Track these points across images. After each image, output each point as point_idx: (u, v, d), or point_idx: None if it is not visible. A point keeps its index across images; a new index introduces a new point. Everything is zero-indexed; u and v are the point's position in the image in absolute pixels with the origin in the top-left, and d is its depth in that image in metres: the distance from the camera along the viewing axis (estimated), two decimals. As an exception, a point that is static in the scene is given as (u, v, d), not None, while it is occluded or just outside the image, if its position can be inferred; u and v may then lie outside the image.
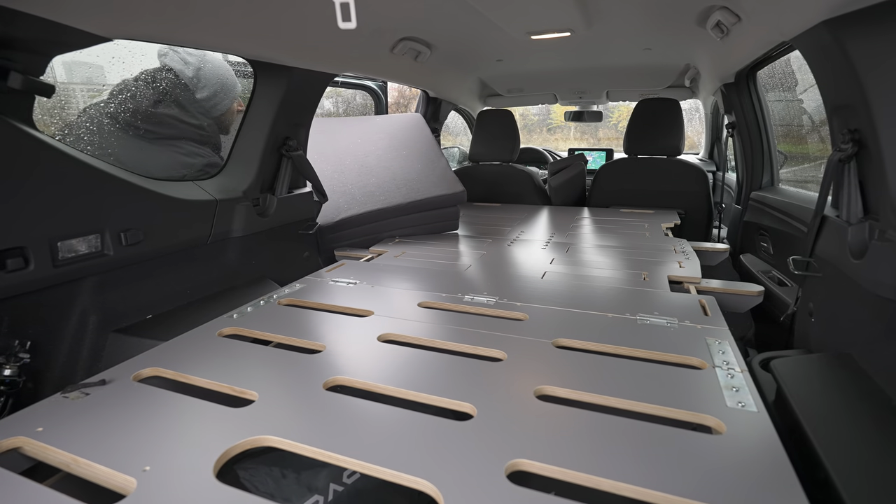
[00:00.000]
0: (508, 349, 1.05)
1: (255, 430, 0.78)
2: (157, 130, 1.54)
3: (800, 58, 2.22)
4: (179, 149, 1.59)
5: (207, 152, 1.67)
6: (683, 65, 2.86)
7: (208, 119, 1.71)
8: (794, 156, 2.68)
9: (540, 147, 4.94)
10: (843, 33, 1.04)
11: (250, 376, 0.95)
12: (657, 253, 1.90)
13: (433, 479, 0.65)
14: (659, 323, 1.19)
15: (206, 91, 1.67)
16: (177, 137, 1.59)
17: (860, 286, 1.05)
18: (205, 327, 1.18)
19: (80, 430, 0.78)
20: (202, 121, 1.68)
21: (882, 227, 1.02)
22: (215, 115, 1.73)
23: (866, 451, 0.75)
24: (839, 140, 1.16)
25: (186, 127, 1.62)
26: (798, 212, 1.81)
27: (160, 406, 0.85)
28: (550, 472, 0.68)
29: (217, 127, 1.74)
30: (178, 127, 1.60)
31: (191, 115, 1.65)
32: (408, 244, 2.10)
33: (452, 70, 2.89)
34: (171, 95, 1.61)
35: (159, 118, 1.55)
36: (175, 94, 1.62)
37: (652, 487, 0.64)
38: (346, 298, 1.40)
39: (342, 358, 1.03)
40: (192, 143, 1.63)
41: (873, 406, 0.85)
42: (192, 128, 1.63)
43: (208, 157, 1.67)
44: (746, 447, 0.71)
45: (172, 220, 1.35)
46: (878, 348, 0.96)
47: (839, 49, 1.06)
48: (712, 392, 0.86)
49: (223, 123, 1.77)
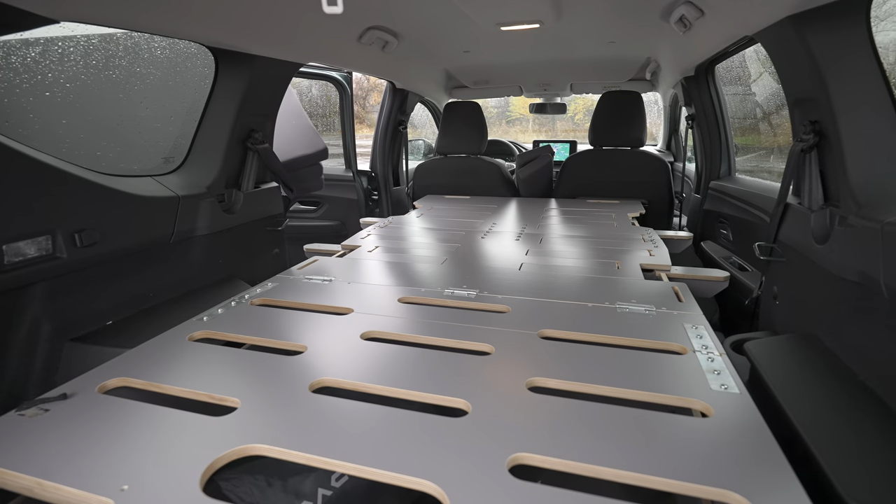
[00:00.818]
0: (495, 342, 1.04)
1: (241, 438, 0.73)
2: None
3: (753, 53, 2.33)
4: None
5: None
6: (645, 58, 2.94)
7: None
8: (742, 147, 2.82)
9: (504, 139, 4.97)
10: (806, 28, 1.08)
11: (229, 382, 0.90)
12: (626, 242, 1.95)
13: (435, 479, 0.64)
14: (637, 311, 1.22)
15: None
16: None
17: (824, 270, 1.10)
18: (173, 332, 1.11)
19: (43, 450, 0.71)
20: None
21: (843, 214, 1.08)
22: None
23: (841, 426, 0.79)
24: (800, 131, 1.22)
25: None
26: (757, 200, 1.90)
27: (132, 419, 0.78)
28: (552, 464, 0.68)
29: None
30: None
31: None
32: (381, 238, 2.06)
33: (419, 61, 2.85)
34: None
35: None
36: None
37: (650, 473, 0.65)
38: (322, 296, 1.35)
39: (326, 358, 0.99)
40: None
41: (842, 383, 0.90)
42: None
43: None
44: (733, 428, 0.74)
45: (132, 219, 1.26)
46: (842, 328, 1.02)
47: (802, 44, 1.11)
48: (696, 376, 0.89)
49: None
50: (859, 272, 0.98)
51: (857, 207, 1.04)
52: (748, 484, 0.62)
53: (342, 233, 3.24)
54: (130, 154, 1.56)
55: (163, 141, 1.62)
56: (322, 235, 3.18)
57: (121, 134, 1.53)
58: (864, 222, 0.98)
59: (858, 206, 1.04)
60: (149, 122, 1.61)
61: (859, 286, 1.00)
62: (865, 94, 1.06)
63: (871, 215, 0.98)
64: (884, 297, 0.91)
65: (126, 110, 1.55)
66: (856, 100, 1.07)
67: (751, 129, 2.95)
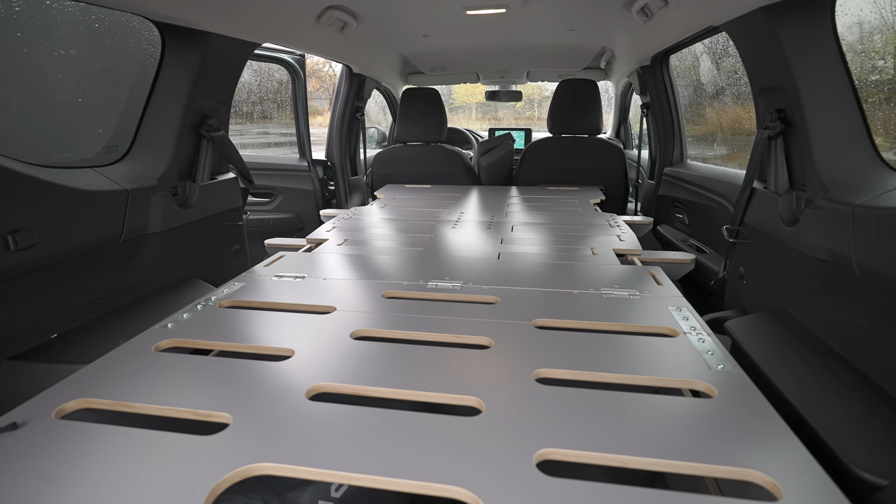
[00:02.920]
0: (492, 335, 1.02)
1: (241, 457, 0.66)
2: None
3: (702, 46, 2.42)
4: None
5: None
6: (601, 47, 3.00)
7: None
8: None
9: (459, 127, 4.94)
10: (777, 20, 1.13)
11: (213, 395, 0.81)
12: (594, 228, 1.99)
13: (465, 485, 0.60)
14: (622, 296, 1.24)
15: None
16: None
17: (793, 249, 1.17)
18: (135, 342, 0.99)
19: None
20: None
21: (809, 197, 1.15)
22: None
23: (827, 395, 0.84)
24: (766, 119, 1.28)
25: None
26: (712, 184, 2.00)
27: (104, 446, 0.69)
28: (579, 457, 0.66)
29: None
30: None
31: None
32: (347, 230, 1.97)
33: (377, 44, 2.74)
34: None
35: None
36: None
37: (674, 458, 0.65)
38: (298, 295, 1.27)
39: (317, 362, 0.92)
40: None
41: (818, 354, 0.96)
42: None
43: None
44: (739, 407, 0.76)
45: (75, 216, 1.11)
46: (812, 304, 1.08)
47: (772, 35, 1.15)
48: (691, 357, 0.91)
49: None
50: (830, 251, 1.05)
51: (824, 191, 1.11)
52: (765, 460, 0.64)
53: (298, 226, 3.09)
54: (63, 141, 1.37)
55: (102, 127, 1.44)
56: (277, 229, 3.01)
57: (52, 118, 1.34)
58: (833, 205, 1.05)
59: (825, 189, 1.11)
60: (86, 105, 1.42)
61: (828, 264, 1.06)
62: (830, 84, 1.12)
63: (840, 198, 1.04)
64: (854, 274, 0.98)
65: (60, 91, 1.35)
66: (821, 89, 1.13)
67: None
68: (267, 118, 3.47)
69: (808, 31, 1.10)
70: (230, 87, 1.64)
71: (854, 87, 1.11)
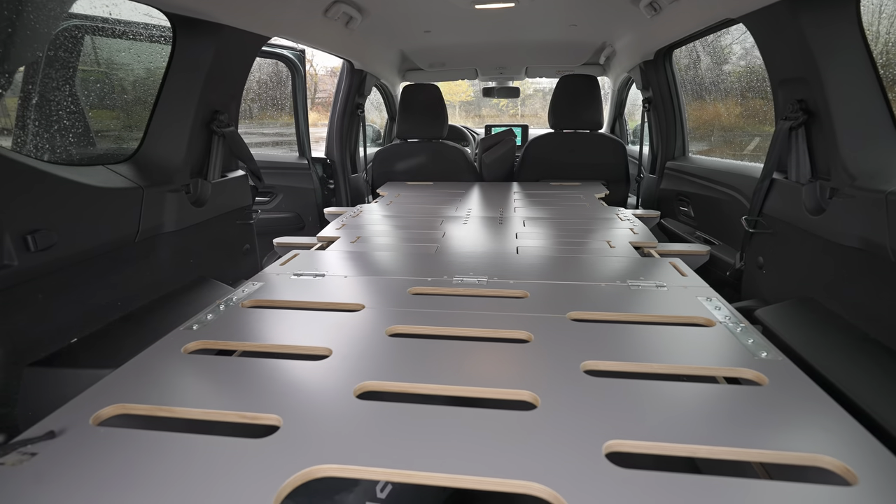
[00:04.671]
0: (530, 328, 1.01)
1: (299, 460, 0.64)
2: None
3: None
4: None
5: None
6: (601, 43, 3.00)
7: None
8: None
9: (456, 124, 4.92)
10: (801, 11, 1.13)
11: (257, 397, 0.78)
12: (604, 222, 1.99)
13: (540, 479, 0.59)
14: (649, 287, 1.23)
15: None
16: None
17: (819, 238, 1.18)
18: (163, 344, 0.96)
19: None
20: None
21: (835, 186, 1.15)
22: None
23: (871, 378, 0.84)
24: (787, 110, 1.29)
25: None
26: (719, 177, 2.02)
27: (153, 453, 0.65)
28: (647, 448, 0.65)
29: None
30: None
31: None
32: (358, 227, 1.94)
33: (379, 40, 2.72)
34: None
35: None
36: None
37: (740, 446, 0.65)
38: (322, 293, 1.24)
39: (358, 360, 0.90)
40: None
41: (855, 339, 0.97)
42: None
43: None
44: (792, 393, 0.76)
45: (93, 215, 1.07)
46: (843, 290, 1.09)
47: (795, 26, 1.16)
48: (733, 346, 0.91)
49: None
50: (862, 238, 1.06)
51: (852, 179, 1.12)
52: (831, 446, 0.64)
53: (299, 225, 3.04)
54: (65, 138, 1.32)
55: (113, 123, 1.39)
56: (278, 228, 2.96)
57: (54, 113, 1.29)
58: (864, 193, 1.06)
59: (852, 178, 1.12)
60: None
61: (860, 252, 1.07)
62: (855, 73, 1.13)
63: (870, 186, 1.05)
64: (888, 260, 0.99)
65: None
66: (845, 79, 1.14)
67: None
68: (263, 116, 3.41)
69: (833, 20, 1.10)
70: (240, 81, 1.60)
71: (879, 77, 1.12)
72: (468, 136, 4.69)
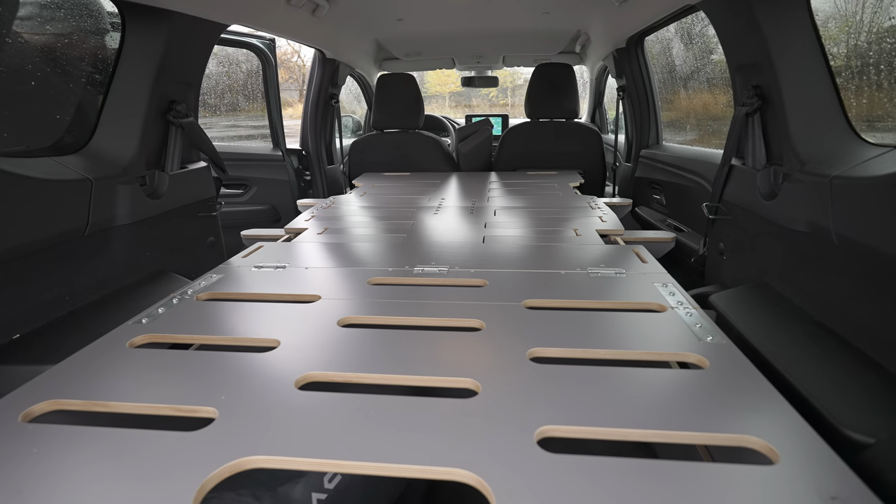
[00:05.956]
0: (482, 317, 1.01)
1: (230, 451, 0.63)
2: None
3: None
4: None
5: None
6: (576, 31, 2.99)
7: None
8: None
9: (436, 114, 4.89)
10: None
11: (196, 390, 0.77)
12: (576, 210, 1.99)
13: (468, 466, 0.59)
14: (608, 274, 1.24)
15: None
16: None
17: (772, 223, 1.19)
18: (108, 339, 0.94)
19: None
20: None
21: (787, 171, 1.17)
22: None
23: (813, 362, 0.85)
24: (743, 95, 1.29)
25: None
26: (688, 164, 2.03)
27: (80, 449, 0.64)
28: (579, 433, 0.66)
29: None
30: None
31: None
32: (327, 219, 1.92)
33: (350, 28, 2.67)
34: None
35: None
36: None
37: (670, 428, 0.65)
38: (280, 285, 1.23)
39: (305, 351, 0.89)
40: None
41: (800, 323, 0.98)
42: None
43: None
44: (731, 376, 0.77)
45: (34, 209, 1.04)
46: (792, 275, 1.11)
47: (748, 11, 1.16)
48: (681, 331, 0.92)
49: None
50: (808, 223, 1.07)
51: (801, 164, 1.13)
52: (759, 426, 0.65)
53: (274, 217, 3.01)
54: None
55: (56, 110, 1.35)
56: (253, 221, 2.93)
57: None
58: (811, 178, 1.07)
59: (802, 163, 1.13)
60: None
61: (807, 236, 1.09)
62: (805, 59, 1.14)
63: (817, 170, 1.06)
64: (832, 244, 1.00)
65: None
66: (796, 64, 1.15)
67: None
68: (236, 110, 3.35)
69: (786, 10, 1.11)
70: (198, 71, 1.56)
71: (828, 63, 1.13)
72: (448, 127, 4.67)
